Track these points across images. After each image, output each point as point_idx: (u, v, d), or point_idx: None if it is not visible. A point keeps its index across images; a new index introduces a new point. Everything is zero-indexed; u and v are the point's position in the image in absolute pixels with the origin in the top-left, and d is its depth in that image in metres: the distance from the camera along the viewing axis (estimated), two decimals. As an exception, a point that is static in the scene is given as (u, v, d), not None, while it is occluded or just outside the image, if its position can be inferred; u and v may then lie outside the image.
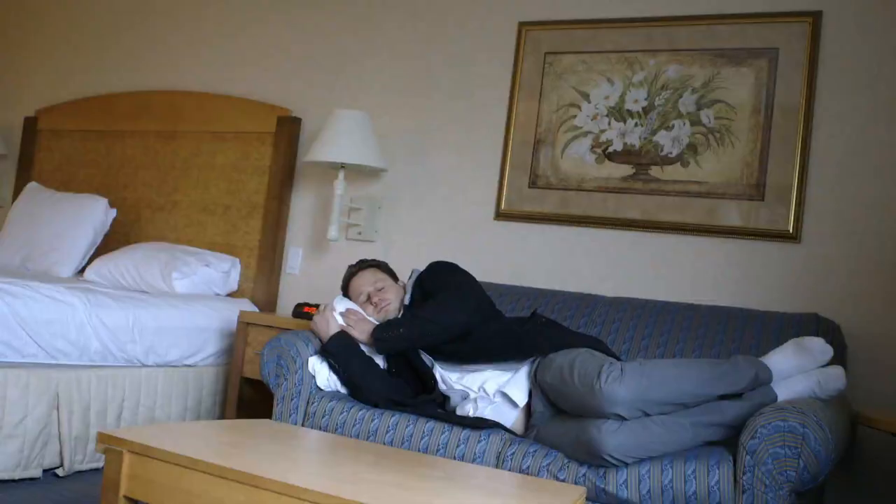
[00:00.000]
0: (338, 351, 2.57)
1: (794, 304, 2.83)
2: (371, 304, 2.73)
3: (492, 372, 2.48)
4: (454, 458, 2.26)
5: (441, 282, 2.65)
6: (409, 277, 2.83)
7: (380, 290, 2.75)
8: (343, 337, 2.59)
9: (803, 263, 2.85)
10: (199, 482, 1.64)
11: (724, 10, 3.05)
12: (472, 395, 2.46)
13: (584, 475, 2.08)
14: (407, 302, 2.74)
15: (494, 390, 2.44)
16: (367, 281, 2.78)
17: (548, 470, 2.13)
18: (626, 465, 2.04)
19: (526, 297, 2.98)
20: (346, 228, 3.69)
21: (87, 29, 4.68)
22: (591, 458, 2.06)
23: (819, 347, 2.23)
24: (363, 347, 2.61)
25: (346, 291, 2.82)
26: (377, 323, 2.63)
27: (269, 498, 1.55)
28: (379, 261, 2.90)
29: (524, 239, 3.31)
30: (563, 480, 2.09)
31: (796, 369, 2.22)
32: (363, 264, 2.87)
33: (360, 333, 2.59)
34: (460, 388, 2.49)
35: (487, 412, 2.41)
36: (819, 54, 2.89)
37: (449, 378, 2.52)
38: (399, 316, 2.69)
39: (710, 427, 2.10)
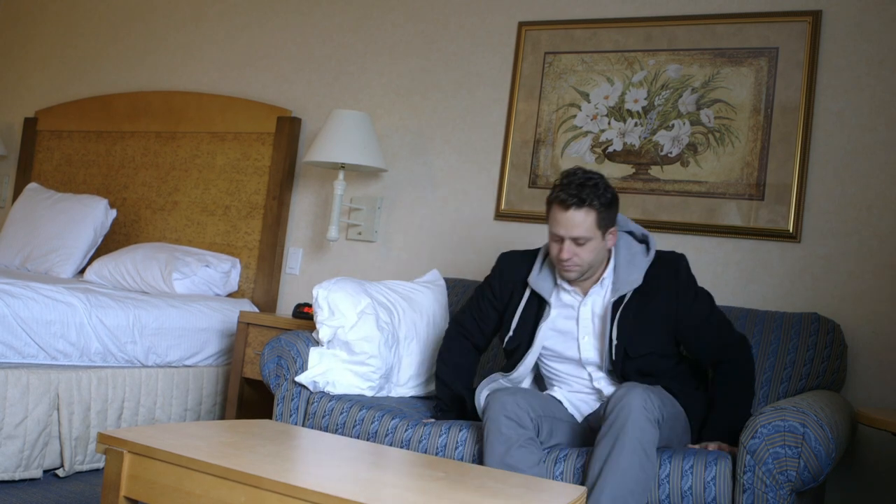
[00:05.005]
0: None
1: (794, 303, 2.82)
2: (560, 255, 2.28)
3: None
4: (453, 459, 2.26)
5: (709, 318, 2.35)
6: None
7: (579, 244, 2.26)
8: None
9: (803, 263, 2.85)
10: (199, 482, 1.64)
11: (724, 10, 3.05)
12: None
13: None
14: (634, 281, 2.29)
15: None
16: (572, 224, 2.23)
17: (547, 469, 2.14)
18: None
19: (526, 297, 2.98)
20: (346, 228, 3.69)
21: (87, 29, 4.68)
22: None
23: None
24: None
25: (547, 212, 2.31)
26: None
27: (270, 498, 1.55)
28: (606, 196, 2.25)
29: (524, 239, 3.31)
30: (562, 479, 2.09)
31: None
32: (581, 199, 2.21)
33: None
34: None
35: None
36: (819, 54, 2.89)
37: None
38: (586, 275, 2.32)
39: None
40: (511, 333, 2.43)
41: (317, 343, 2.68)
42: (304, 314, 3.25)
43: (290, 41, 4.00)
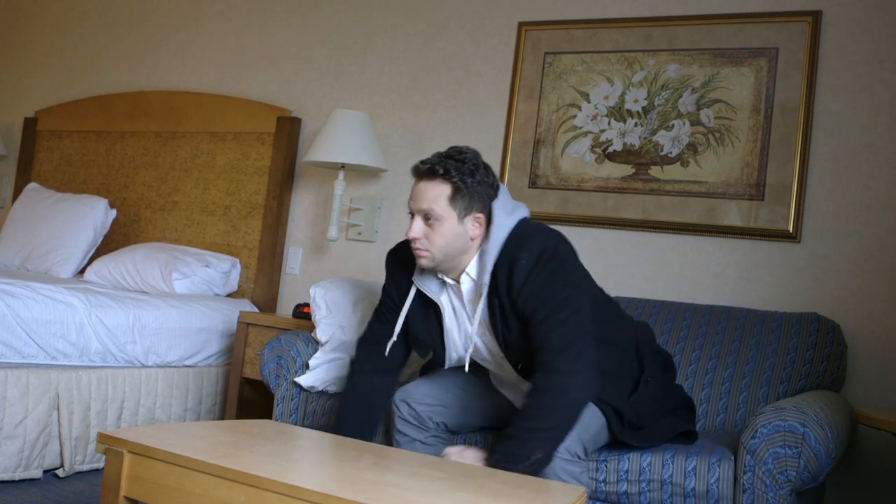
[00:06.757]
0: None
1: (794, 303, 2.82)
2: (407, 233, 2.06)
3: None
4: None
5: (548, 309, 1.93)
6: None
7: (429, 223, 2.01)
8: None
9: (803, 263, 2.85)
10: (199, 482, 1.64)
11: (724, 10, 3.05)
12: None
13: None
14: (485, 281, 1.98)
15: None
16: (421, 195, 2.02)
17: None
18: None
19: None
20: (346, 228, 3.69)
21: (87, 29, 4.68)
22: None
23: None
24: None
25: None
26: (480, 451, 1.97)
27: (270, 498, 1.55)
28: (473, 174, 1.99)
29: (524, 239, 3.31)
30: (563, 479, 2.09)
31: None
32: (435, 169, 1.99)
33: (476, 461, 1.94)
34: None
35: None
36: (819, 54, 2.89)
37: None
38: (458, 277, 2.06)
39: None
40: (420, 340, 2.17)
41: (316, 343, 2.68)
42: (304, 314, 3.25)
43: (290, 41, 4.00)
